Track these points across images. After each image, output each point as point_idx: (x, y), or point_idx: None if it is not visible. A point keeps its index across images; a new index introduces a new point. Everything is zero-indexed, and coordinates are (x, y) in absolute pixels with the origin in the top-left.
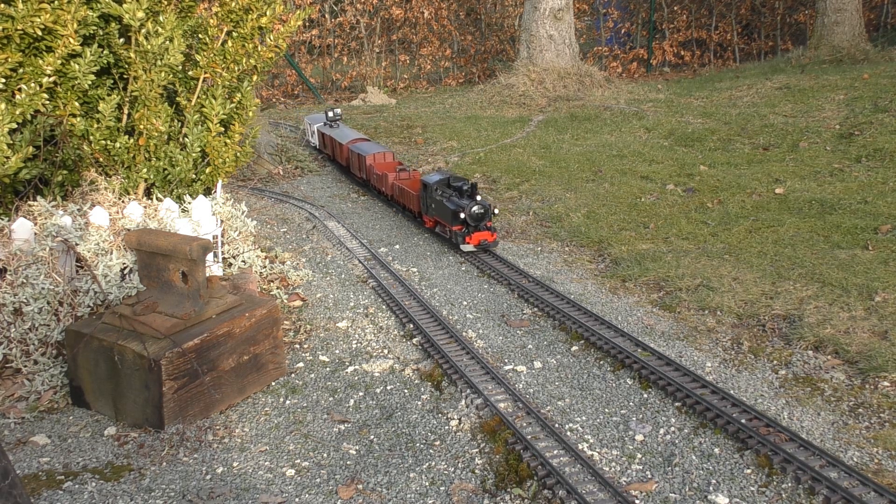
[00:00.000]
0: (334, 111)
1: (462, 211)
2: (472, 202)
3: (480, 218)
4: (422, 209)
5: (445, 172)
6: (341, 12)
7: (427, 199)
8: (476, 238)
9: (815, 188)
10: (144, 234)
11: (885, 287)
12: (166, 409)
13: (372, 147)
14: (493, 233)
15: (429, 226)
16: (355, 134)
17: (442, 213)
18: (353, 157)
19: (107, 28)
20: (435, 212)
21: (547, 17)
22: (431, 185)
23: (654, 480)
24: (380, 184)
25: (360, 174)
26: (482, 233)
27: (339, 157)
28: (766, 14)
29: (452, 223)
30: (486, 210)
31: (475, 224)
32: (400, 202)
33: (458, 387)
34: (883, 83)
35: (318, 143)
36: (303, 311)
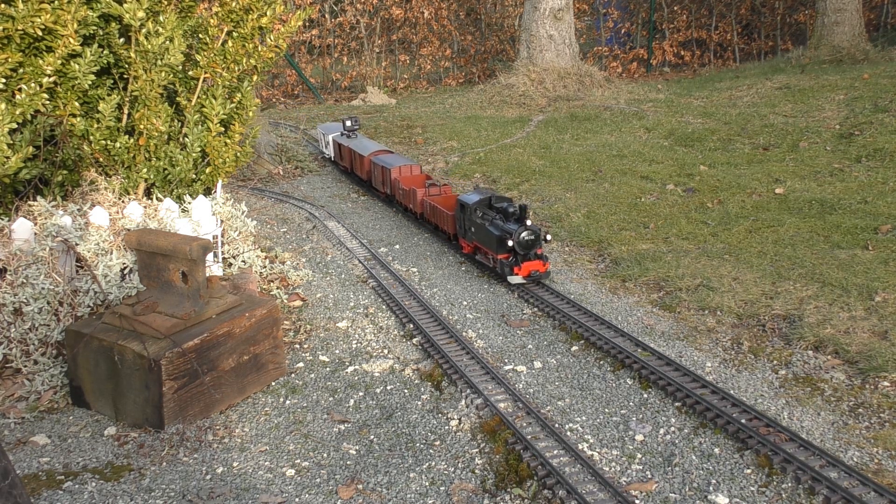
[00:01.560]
0: (352, 119)
1: (509, 237)
2: (521, 227)
3: (530, 245)
4: (458, 231)
5: (485, 191)
6: (341, 12)
7: (465, 220)
8: (526, 268)
9: (815, 188)
10: (144, 234)
11: (885, 287)
12: (166, 409)
13: (396, 159)
14: (544, 262)
15: (466, 251)
16: (376, 145)
17: (484, 239)
18: (375, 171)
19: (107, 28)
20: (475, 236)
21: (547, 17)
22: (471, 205)
23: (654, 480)
24: (407, 200)
25: (383, 189)
26: (532, 262)
27: (359, 171)
28: (766, 14)
29: (498, 251)
30: (537, 236)
31: (524, 252)
32: (431, 221)
33: (458, 387)
34: (883, 83)
35: (333, 155)
36: (303, 311)
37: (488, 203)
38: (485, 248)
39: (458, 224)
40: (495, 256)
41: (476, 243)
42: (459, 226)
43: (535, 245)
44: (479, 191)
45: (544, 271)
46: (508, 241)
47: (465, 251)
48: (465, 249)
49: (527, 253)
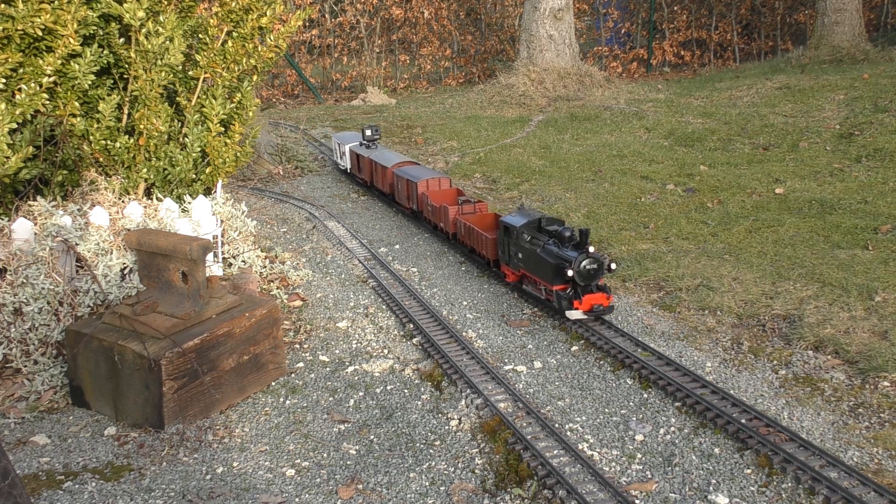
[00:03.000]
0: (373, 128)
1: (568, 266)
2: (582, 254)
3: (593, 275)
4: (500, 257)
5: (532, 211)
6: (341, 12)
7: (509, 245)
8: (587, 302)
9: (815, 188)
10: (144, 234)
11: (885, 287)
12: (166, 409)
13: (423, 172)
14: (608, 295)
15: (511, 280)
16: (399, 156)
17: (536, 267)
18: (399, 184)
19: (107, 28)
20: (523, 264)
21: (547, 17)
22: (518, 228)
23: (654, 480)
24: (437, 218)
25: (408, 204)
26: (594, 295)
27: (381, 184)
28: (766, 14)
29: (553, 281)
30: (600, 265)
31: (585, 283)
32: (466, 244)
33: (458, 387)
34: (883, 83)
35: (349, 166)
36: (303, 311)
37: (538, 225)
38: (535, 278)
39: (500, 248)
40: (549, 287)
41: (524, 271)
42: (502, 250)
43: (597, 275)
44: (525, 211)
45: (608, 305)
46: (568, 271)
47: (508, 280)
48: (508, 278)
49: (588, 284)
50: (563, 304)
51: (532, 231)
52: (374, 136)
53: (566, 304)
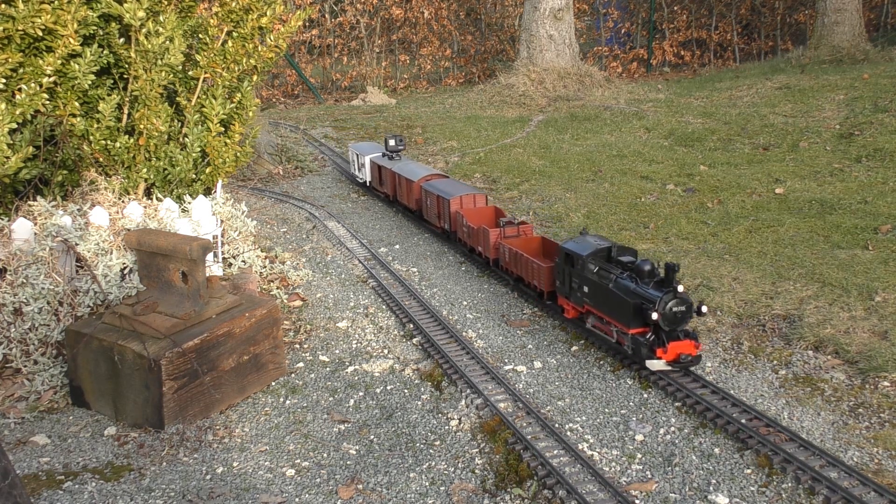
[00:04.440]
0: (396, 138)
1: (652, 308)
2: (669, 293)
3: (679, 319)
4: (558, 289)
5: (597, 238)
6: (341, 12)
7: (571, 276)
8: (673, 350)
9: (815, 188)
10: (144, 234)
11: (885, 287)
12: (166, 408)
13: (455, 186)
14: (697, 342)
15: (570, 315)
16: (426, 168)
17: (606, 304)
18: (428, 201)
19: (107, 28)
20: (589, 299)
21: (547, 17)
22: (584, 258)
23: (654, 480)
24: (474, 241)
25: (439, 223)
26: (681, 342)
27: (406, 199)
28: (766, 14)
29: (630, 323)
30: (689, 307)
31: (670, 328)
32: (511, 272)
33: (458, 387)
34: (883, 83)
35: (369, 179)
36: (303, 311)
37: (607, 254)
38: (605, 316)
39: (558, 279)
40: (623, 329)
41: (589, 308)
42: (561, 281)
43: (685, 319)
44: (589, 238)
45: (696, 354)
46: (652, 314)
47: (567, 315)
48: (568, 314)
49: (673, 329)
50: (642, 351)
51: (600, 261)
52: (398, 146)
53: (646, 350)
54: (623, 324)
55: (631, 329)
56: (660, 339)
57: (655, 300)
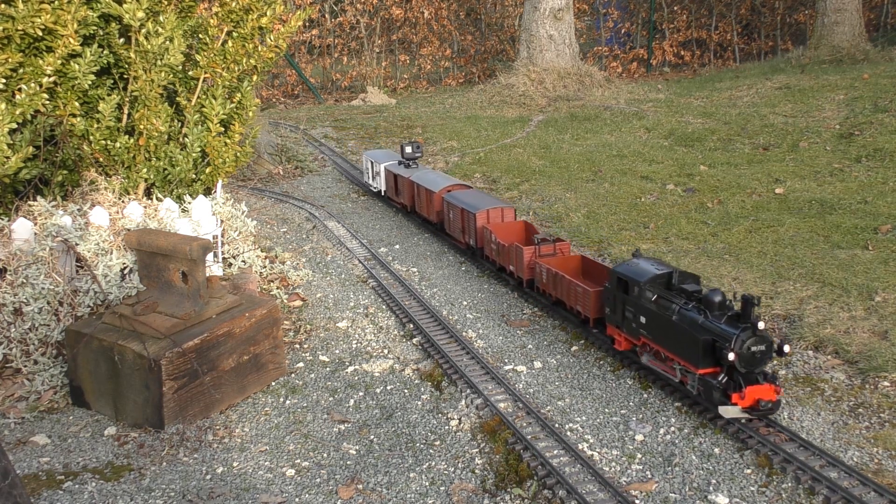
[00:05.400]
0: (413, 145)
1: (728, 347)
2: (746, 331)
3: (759, 360)
4: (607, 316)
5: (654, 261)
6: (341, 12)
7: (625, 303)
8: (750, 395)
9: (815, 188)
10: (144, 234)
11: (885, 287)
12: (166, 408)
13: (481, 199)
14: (777, 386)
15: (623, 347)
16: (446, 178)
17: (668, 338)
18: (451, 214)
19: (107, 28)
20: (647, 331)
21: (547, 17)
22: (641, 284)
23: (654, 480)
24: (504, 259)
25: (463, 238)
26: (759, 386)
27: (426, 211)
28: (766, 14)
29: (699, 362)
30: (770, 346)
31: (747, 369)
32: (549, 294)
33: (458, 387)
34: (883, 83)
35: (384, 188)
36: (303, 311)
37: (667, 282)
38: (666, 352)
39: (607, 306)
40: (690, 368)
41: (647, 341)
42: (611, 309)
43: (764, 360)
44: (644, 261)
45: (776, 400)
46: (729, 354)
47: (618, 347)
48: (619, 345)
49: (750, 370)
50: (713, 395)
51: (660, 289)
52: (416, 153)
53: (718, 394)
54: (689, 362)
55: (699, 369)
56: (735, 382)
57: (731, 337)
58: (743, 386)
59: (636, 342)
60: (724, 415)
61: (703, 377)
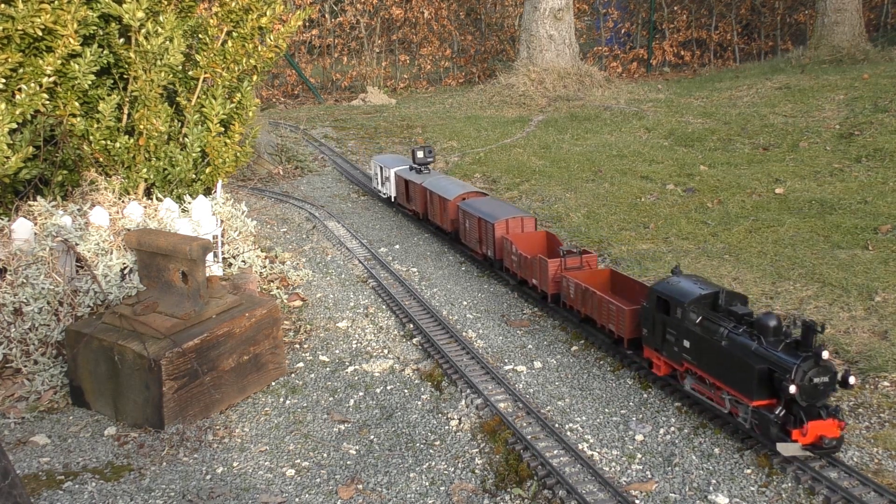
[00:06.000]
0: (426, 149)
1: (788, 379)
2: (808, 360)
3: (821, 393)
4: (645, 338)
5: (696, 279)
6: (341, 12)
7: (666, 325)
8: (813, 431)
9: (815, 188)
10: (144, 234)
11: (885, 287)
12: (166, 408)
13: (499, 207)
14: (841, 421)
15: (662, 373)
16: (461, 184)
17: (716, 365)
18: (467, 223)
19: (107, 28)
20: (692, 356)
21: (547, 17)
22: (685, 305)
23: (654, 480)
24: (527, 272)
25: (481, 249)
26: (822, 421)
27: (439, 219)
28: (766, 14)
29: (752, 393)
30: (833, 377)
31: (809, 403)
32: (576, 310)
33: (458, 387)
34: (883, 83)
35: (394, 194)
36: (303, 311)
37: (712, 302)
38: (714, 380)
39: (645, 326)
40: (742, 400)
41: (691, 367)
42: (650, 330)
43: (827, 393)
44: (685, 280)
45: (839, 437)
46: (790, 386)
47: (658, 372)
48: (658, 370)
49: (811, 403)
50: (770, 430)
51: (705, 310)
52: (428, 158)
53: (776, 429)
54: (742, 393)
55: (754, 401)
56: (794, 417)
57: (791, 367)
58: (804, 420)
59: (678, 367)
60: (782, 452)
61: (757, 410)
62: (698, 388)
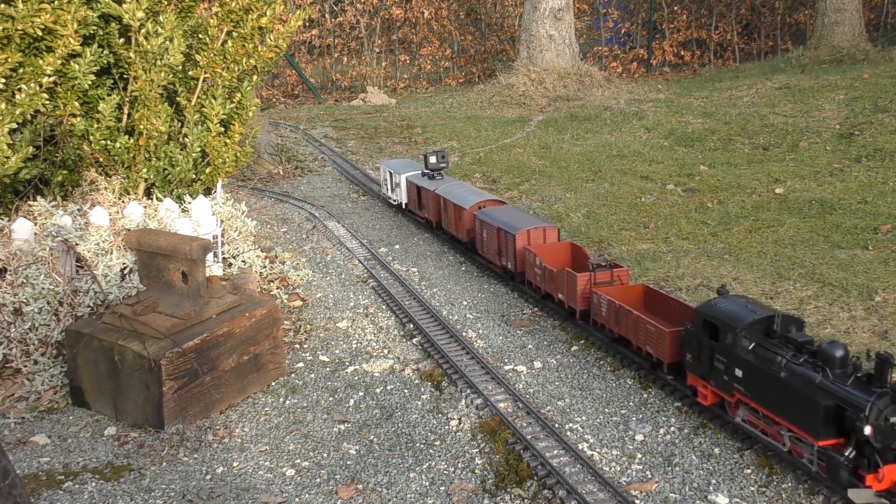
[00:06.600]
0: (438, 154)
1: (859, 415)
2: (884, 396)
3: None
4: (689, 364)
5: (748, 302)
6: (341, 12)
7: (714, 351)
8: (889, 475)
9: (815, 188)
10: (144, 234)
11: (885, 287)
12: (166, 408)
13: (518, 217)
14: None
15: (708, 402)
16: (477, 192)
17: (774, 398)
18: (485, 233)
19: (107, 28)
20: (745, 386)
21: (547, 17)
22: (738, 331)
23: (654, 480)
24: (552, 287)
25: (500, 261)
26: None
27: (454, 228)
28: (766, 14)
29: (818, 432)
30: None
31: (883, 444)
32: (609, 329)
33: (458, 387)
34: (883, 83)
35: (405, 201)
36: (303, 311)
37: (766, 327)
38: (771, 414)
39: (689, 351)
40: (807, 438)
41: (744, 398)
42: (695, 356)
43: None
44: (733, 302)
45: None
46: (864, 427)
47: (704, 402)
48: (704, 398)
49: (887, 446)
50: (840, 473)
51: (758, 336)
52: (441, 163)
53: (846, 472)
54: (806, 431)
55: (820, 440)
56: (867, 459)
57: (864, 405)
58: (879, 464)
59: (728, 398)
60: (854, 499)
61: (824, 451)
62: (752, 421)
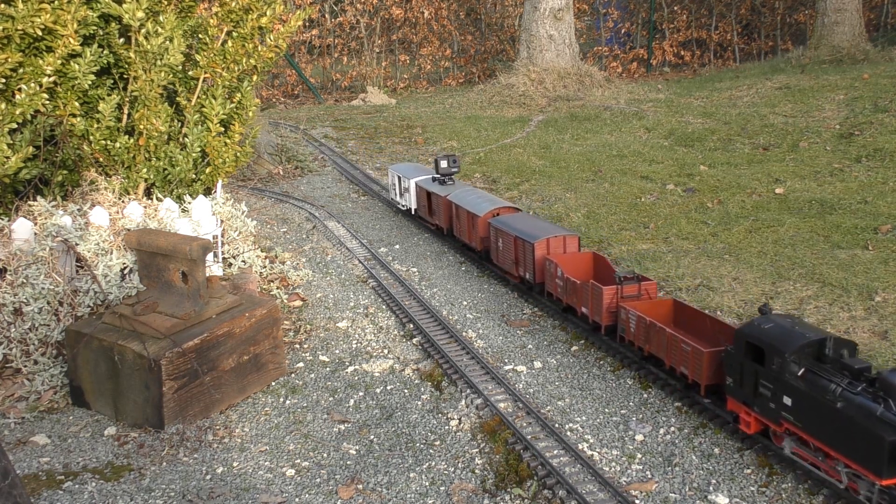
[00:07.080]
0: (450, 159)
1: None
2: None
3: None
4: (730, 389)
5: (796, 323)
6: (341, 12)
7: (759, 376)
8: None
9: (815, 188)
10: (144, 234)
11: (885, 287)
12: (166, 408)
13: (535, 225)
14: None
15: (752, 430)
16: (490, 198)
17: (828, 430)
18: (502, 242)
19: (107, 28)
20: (795, 416)
21: (547, 17)
22: (787, 355)
23: (654, 480)
24: (578, 299)
25: (517, 272)
26: None
27: (467, 236)
28: (766, 14)
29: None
30: None
31: None
32: (639, 347)
33: (458, 387)
34: (883, 83)
35: (414, 206)
36: (303, 311)
37: (817, 351)
38: (824, 447)
39: (730, 374)
40: (867, 476)
41: (791, 427)
42: (737, 380)
43: None
44: (777, 323)
45: None
46: None
47: (747, 430)
48: (747, 427)
49: None
50: None
51: (808, 360)
52: (452, 168)
53: None
54: (867, 468)
55: (884, 479)
56: None
57: None
58: None
59: (775, 427)
60: None
61: (888, 490)
62: (801, 454)
